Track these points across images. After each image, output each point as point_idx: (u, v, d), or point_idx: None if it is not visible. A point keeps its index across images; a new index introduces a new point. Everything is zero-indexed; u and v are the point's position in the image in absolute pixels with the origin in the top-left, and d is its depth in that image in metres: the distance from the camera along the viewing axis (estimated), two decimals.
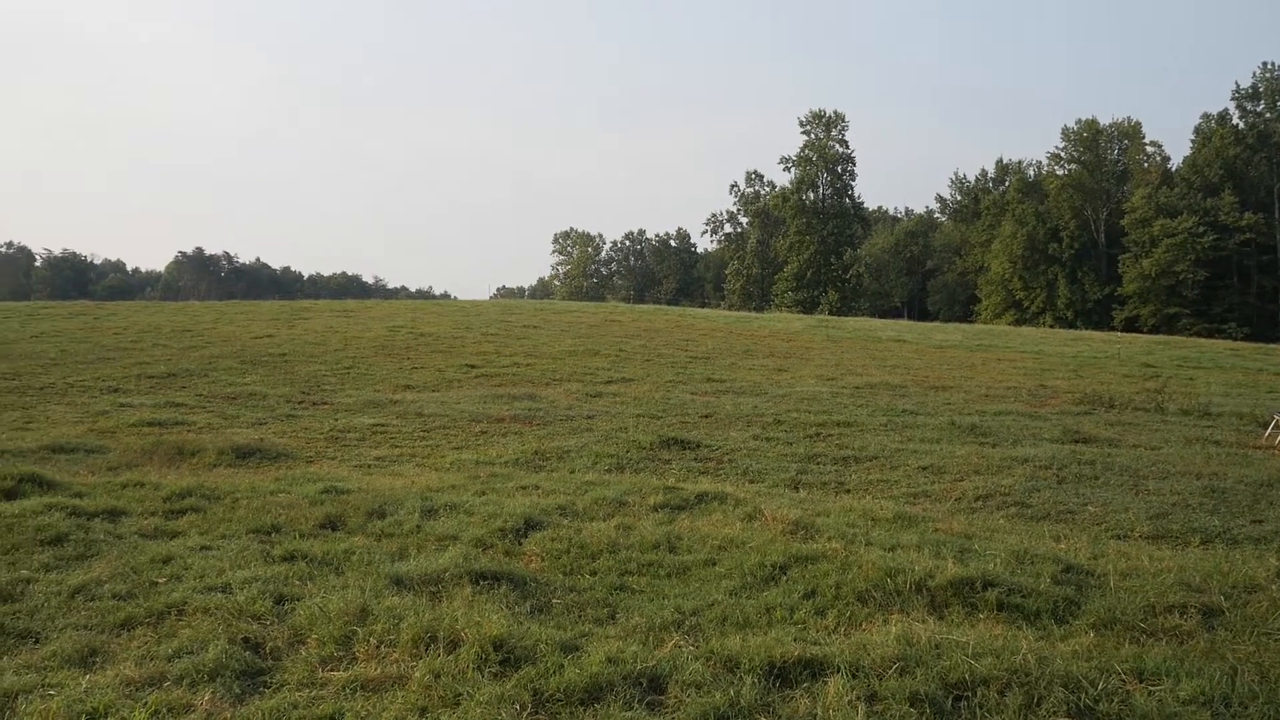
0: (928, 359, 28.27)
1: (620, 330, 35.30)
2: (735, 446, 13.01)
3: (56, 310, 44.91)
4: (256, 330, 32.66)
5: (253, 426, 14.41)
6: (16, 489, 8.67)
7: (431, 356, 25.76)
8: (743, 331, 37.10)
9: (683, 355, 27.57)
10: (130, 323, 35.55)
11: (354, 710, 4.28)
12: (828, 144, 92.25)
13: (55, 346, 27.35)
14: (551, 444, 12.92)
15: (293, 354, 25.76)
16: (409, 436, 13.84)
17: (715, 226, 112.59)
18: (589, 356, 26.47)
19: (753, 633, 5.33)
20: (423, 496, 8.74)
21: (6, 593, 5.80)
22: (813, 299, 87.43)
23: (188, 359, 24.23)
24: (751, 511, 8.39)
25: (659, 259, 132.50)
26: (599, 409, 16.82)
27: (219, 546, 6.99)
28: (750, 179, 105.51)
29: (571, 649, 5.01)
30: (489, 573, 6.28)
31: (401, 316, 38.96)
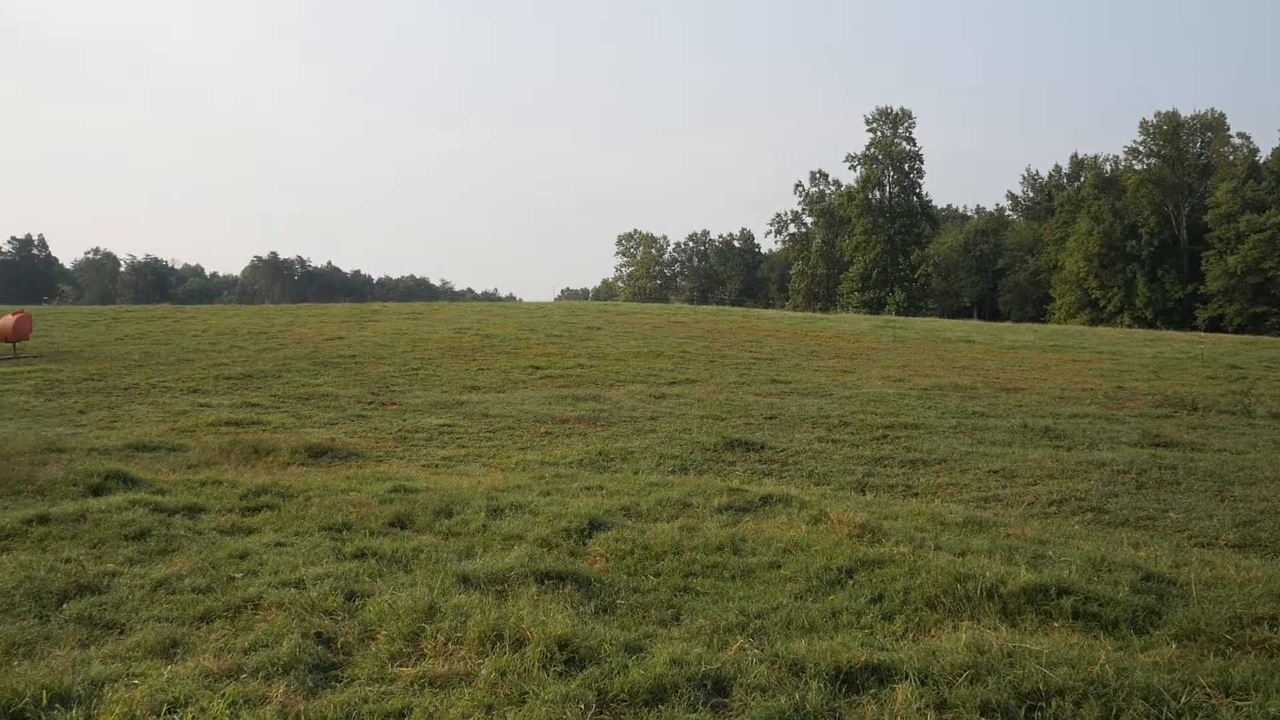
0: (998, 360, 27.62)
1: (684, 331, 35.25)
2: (800, 448, 12.88)
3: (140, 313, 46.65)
4: (328, 332, 33.47)
5: (324, 427, 14.75)
6: (103, 485, 9.04)
7: (497, 358, 26.08)
8: (808, 332, 36.73)
9: (747, 356, 27.41)
10: (209, 325, 36.74)
11: (422, 706, 4.35)
12: (894, 141, 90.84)
13: (139, 348, 28.42)
14: (615, 445, 12.95)
15: (363, 356, 26.33)
16: (475, 437, 14.02)
17: (779, 227, 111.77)
18: (652, 358, 26.49)
19: (818, 637, 5.26)
20: (489, 496, 8.84)
21: (94, 585, 6.04)
22: (879, 299, 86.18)
23: (263, 360, 24.94)
24: (817, 514, 8.30)
25: (722, 260, 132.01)
26: (663, 410, 16.81)
27: (293, 543, 7.17)
28: (815, 178, 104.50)
29: (636, 650, 5.01)
30: (554, 572, 6.32)
31: (468, 319, 39.52)
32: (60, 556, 6.65)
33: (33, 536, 7.22)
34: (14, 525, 7.46)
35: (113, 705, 4.20)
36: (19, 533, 7.32)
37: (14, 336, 28.25)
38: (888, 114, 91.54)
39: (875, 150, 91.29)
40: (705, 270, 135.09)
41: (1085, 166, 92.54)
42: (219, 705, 4.19)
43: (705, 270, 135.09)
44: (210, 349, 28.29)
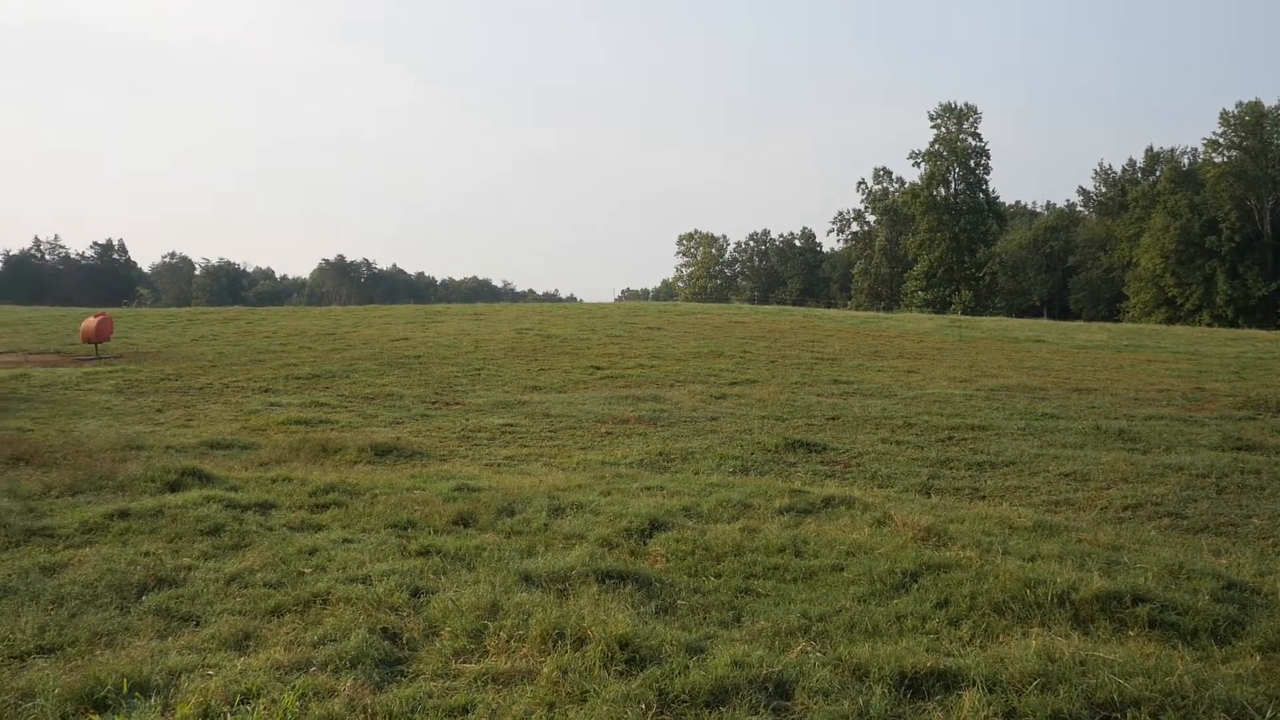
0: (1069, 360, 26.89)
1: (744, 331, 35.07)
2: (863, 450, 12.71)
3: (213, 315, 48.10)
4: (393, 333, 34.09)
5: (390, 426, 15.03)
6: (179, 482, 9.34)
7: (558, 358, 26.27)
8: (870, 332, 36.24)
9: (808, 356, 27.16)
10: (279, 327, 37.71)
11: (485, 702, 4.40)
12: (959, 137, 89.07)
13: (213, 349, 29.31)
14: (675, 445, 12.94)
15: (427, 356, 26.76)
16: (537, 436, 14.14)
17: (842, 225, 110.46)
18: (713, 358, 26.41)
19: (882, 641, 5.19)
20: (550, 495, 8.90)
21: (171, 578, 6.24)
22: (944, 298, 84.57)
23: (330, 361, 25.51)
24: (881, 517, 8.18)
25: (783, 259, 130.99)
26: (723, 410, 16.75)
27: (359, 540, 7.31)
28: (878, 176, 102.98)
29: (696, 651, 5.00)
30: (615, 572, 6.34)
31: (529, 319, 39.89)
32: (140, 550, 6.88)
33: (114, 530, 7.49)
34: (97, 519, 7.75)
35: (189, 695, 4.33)
36: (101, 526, 7.60)
37: (96, 338, 29.38)
38: (952, 109, 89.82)
39: (940, 146, 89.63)
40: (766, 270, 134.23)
41: (1161, 160, 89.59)
42: (289, 697, 4.29)
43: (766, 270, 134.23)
44: (280, 350, 29.04)
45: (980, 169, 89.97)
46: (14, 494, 8.85)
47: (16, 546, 7.04)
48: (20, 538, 7.27)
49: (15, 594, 5.81)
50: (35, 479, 9.50)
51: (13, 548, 7.00)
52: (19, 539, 7.23)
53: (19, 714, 4.16)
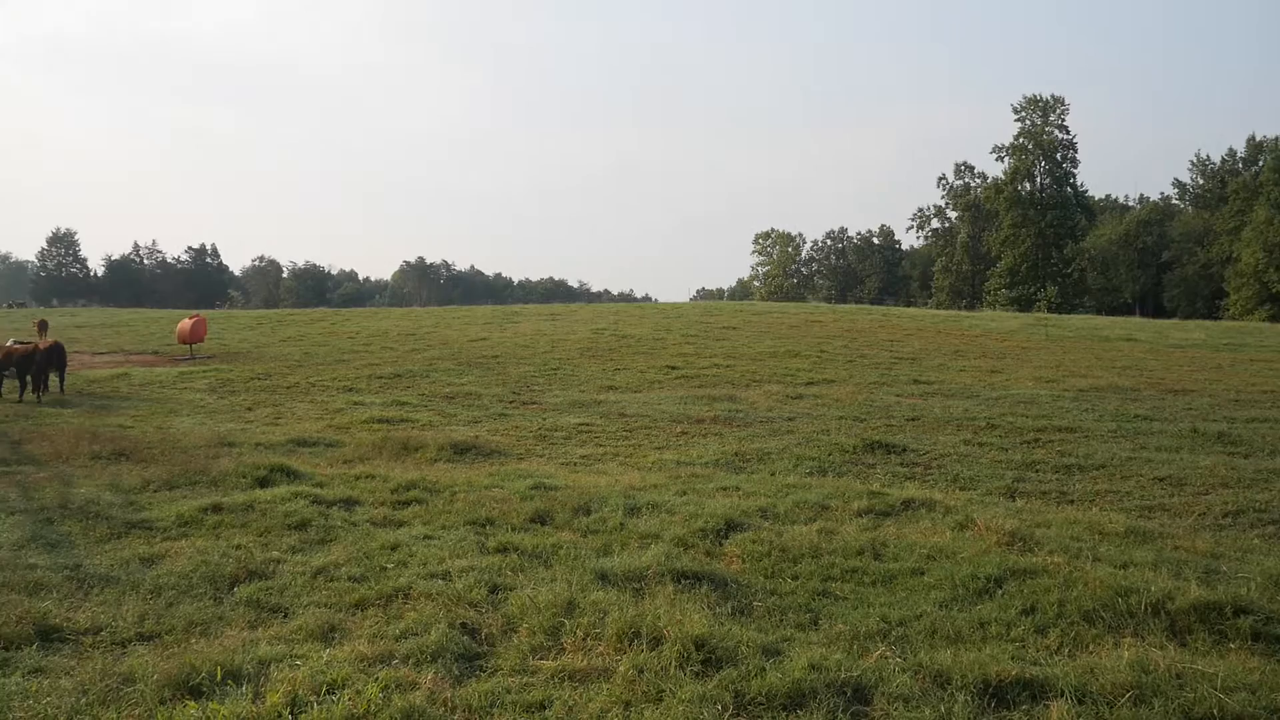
0: (1164, 359, 25.83)
1: (821, 331, 34.64)
2: (944, 452, 12.42)
3: (300, 317, 49.59)
4: (472, 334, 34.67)
5: (469, 425, 15.28)
6: (269, 478, 9.67)
7: (633, 358, 26.35)
8: (952, 331, 35.42)
9: (887, 356, 26.68)
10: (362, 327, 38.70)
11: (562, 699, 4.43)
12: (1045, 130, 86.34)
13: (299, 350, 30.24)
14: (752, 446, 12.85)
15: (504, 356, 27.14)
16: (612, 436, 14.20)
17: (921, 222, 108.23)
18: (789, 358, 26.15)
19: (965, 648, 5.06)
20: (626, 495, 8.93)
21: (261, 571, 6.45)
22: (1029, 296, 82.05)
23: (411, 361, 26.07)
24: (963, 520, 7.98)
25: (861, 257, 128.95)
26: (800, 411, 16.57)
27: (439, 536, 7.45)
28: (959, 171, 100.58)
29: (773, 653, 4.95)
30: (690, 572, 6.32)
31: (605, 319, 40.10)
32: (232, 543, 7.14)
33: (208, 524, 7.79)
34: (192, 513, 8.07)
35: (278, 684, 4.47)
36: (196, 520, 7.91)
37: (191, 339, 30.64)
38: (1037, 101, 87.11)
39: (1024, 140, 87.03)
40: (843, 268, 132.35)
41: (1265, 150, 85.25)
42: (373, 689, 4.39)
43: (843, 268, 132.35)
44: (364, 350, 29.80)
45: (1067, 162, 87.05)
46: (116, 488, 9.29)
47: (118, 538, 7.38)
48: (121, 530, 7.61)
49: (117, 583, 6.09)
50: (135, 474, 9.94)
51: (114, 539, 7.34)
52: (120, 531, 7.58)
53: (121, 698, 4.36)
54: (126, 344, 35.49)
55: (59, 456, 11.14)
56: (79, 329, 44.90)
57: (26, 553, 6.80)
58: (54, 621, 5.32)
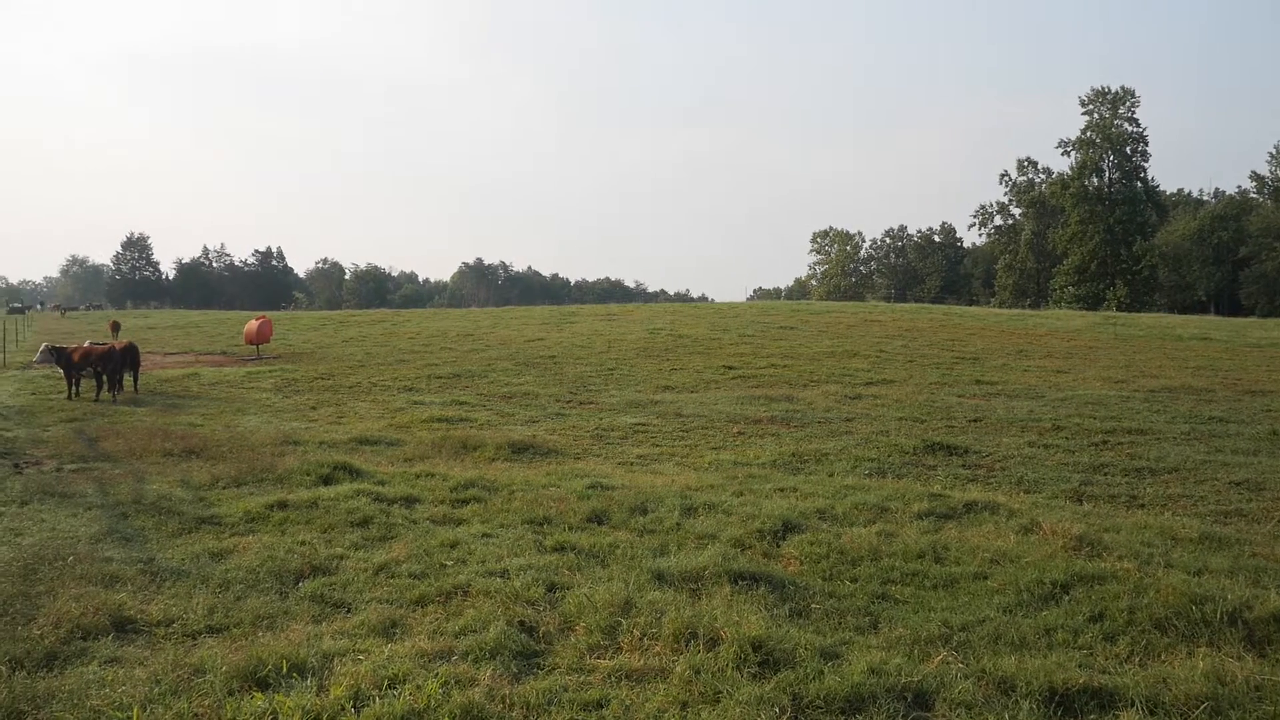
0: (1240, 359, 24.93)
1: (880, 330, 34.19)
2: (1008, 453, 12.15)
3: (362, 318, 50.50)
4: (529, 334, 34.96)
5: (526, 424, 15.41)
6: (332, 475, 9.87)
7: (690, 358, 26.30)
8: (1016, 330, 34.66)
9: (948, 356, 26.22)
10: (421, 328, 39.29)
11: (619, 698, 4.43)
12: (1114, 123, 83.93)
13: (361, 350, 30.81)
14: (809, 446, 12.73)
15: (561, 356, 27.31)
16: (669, 436, 14.19)
17: (984, 219, 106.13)
18: (847, 358, 25.86)
19: (1030, 654, 4.94)
20: (682, 495, 8.91)
21: (325, 566, 6.59)
22: (1097, 294, 79.87)
23: (470, 361, 26.39)
24: (1028, 523, 7.80)
25: (921, 256, 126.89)
26: (858, 411, 16.37)
27: (498, 534, 7.53)
28: (1023, 166, 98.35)
29: (831, 656, 4.89)
30: (747, 573, 6.28)
31: (661, 319, 40.12)
32: (296, 539, 7.31)
33: (274, 520, 7.98)
34: (258, 509, 8.28)
35: (341, 677, 4.56)
36: (262, 516, 8.11)
37: (258, 340, 31.45)
38: (1105, 94, 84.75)
39: (1092, 134, 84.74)
40: (903, 267, 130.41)
41: None
42: (433, 684, 4.45)
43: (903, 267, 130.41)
44: (423, 350, 30.25)
45: (1137, 156, 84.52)
46: (186, 484, 9.58)
47: (189, 533, 7.60)
48: (192, 525, 7.84)
49: (188, 577, 6.27)
50: (204, 471, 10.24)
51: (185, 534, 7.56)
52: (191, 526, 7.81)
53: (191, 688, 4.48)
54: (196, 344, 36.57)
55: (133, 453, 11.51)
56: (151, 330, 46.41)
57: (103, 546, 7.04)
58: (129, 613, 5.50)
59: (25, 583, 5.98)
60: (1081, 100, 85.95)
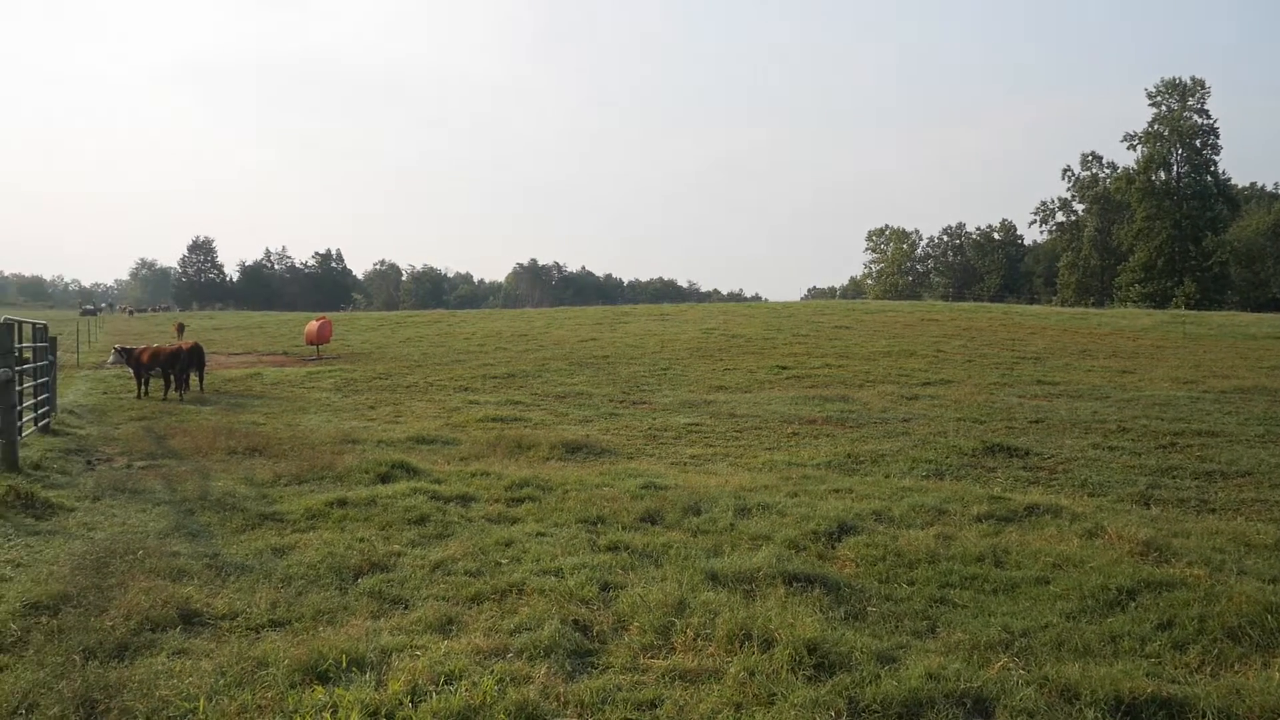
0: None
1: (938, 330, 33.64)
2: (1071, 455, 11.86)
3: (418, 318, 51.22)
4: (583, 334, 35.12)
5: (580, 424, 15.48)
6: (389, 474, 10.03)
7: (743, 358, 26.17)
8: (1079, 329, 33.84)
9: (1009, 355, 25.69)
10: (477, 329, 39.72)
11: (673, 699, 4.42)
12: (1182, 115, 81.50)
13: (418, 350, 31.26)
14: (865, 447, 12.58)
15: (615, 356, 27.38)
16: (722, 436, 14.14)
17: (1045, 216, 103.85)
18: (904, 357, 25.50)
19: (1095, 662, 4.81)
20: (736, 495, 8.87)
21: (383, 563, 6.69)
22: (1164, 292, 77.59)
23: (524, 361, 26.60)
24: (1092, 527, 7.60)
25: (980, 254, 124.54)
26: (915, 412, 16.13)
27: (552, 533, 7.57)
28: (1086, 161, 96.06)
29: (888, 660, 4.82)
30: (802, 575, 6.22)
31: (714, 319, 39.99)
32: (355, 536, 7.43)
33: (333, 517, 8.13)
34: (319, 506, 8.45)
35: (399, 673, 4.62)
36: (323, 513, 8.27)
37: (318, 340, 32.10)
38: (1175, 85, 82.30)
39: (1159, 126, 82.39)
40: (961, 265, 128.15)
41: None
42: (488, 681, 4.49)
43: (961, 265, 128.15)
44: (478, 350, 30.58)
45: (1208, 149, 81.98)
46: (250, 481, 9.81)
47: (252, 529, 7.78)
48: (255, 521, 8.03)
49: (251, 572, 6.42)
50: (267, 468, 10.47)
51: (249, 530, 7.75)
52: (254, 522, 7.99)
53: (255, 681, 4.58)
54: (259, 345, 37.46)
55: (199, 451, 11.84)
56: (216, 331, 47.67)
57: (171, 541, 7.24)
58: (195, 606, 5.65)
59: (98, 575, 6.18)
60: (1149, 92, 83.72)
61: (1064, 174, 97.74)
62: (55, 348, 16.25)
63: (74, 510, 8.35)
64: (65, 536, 7.37)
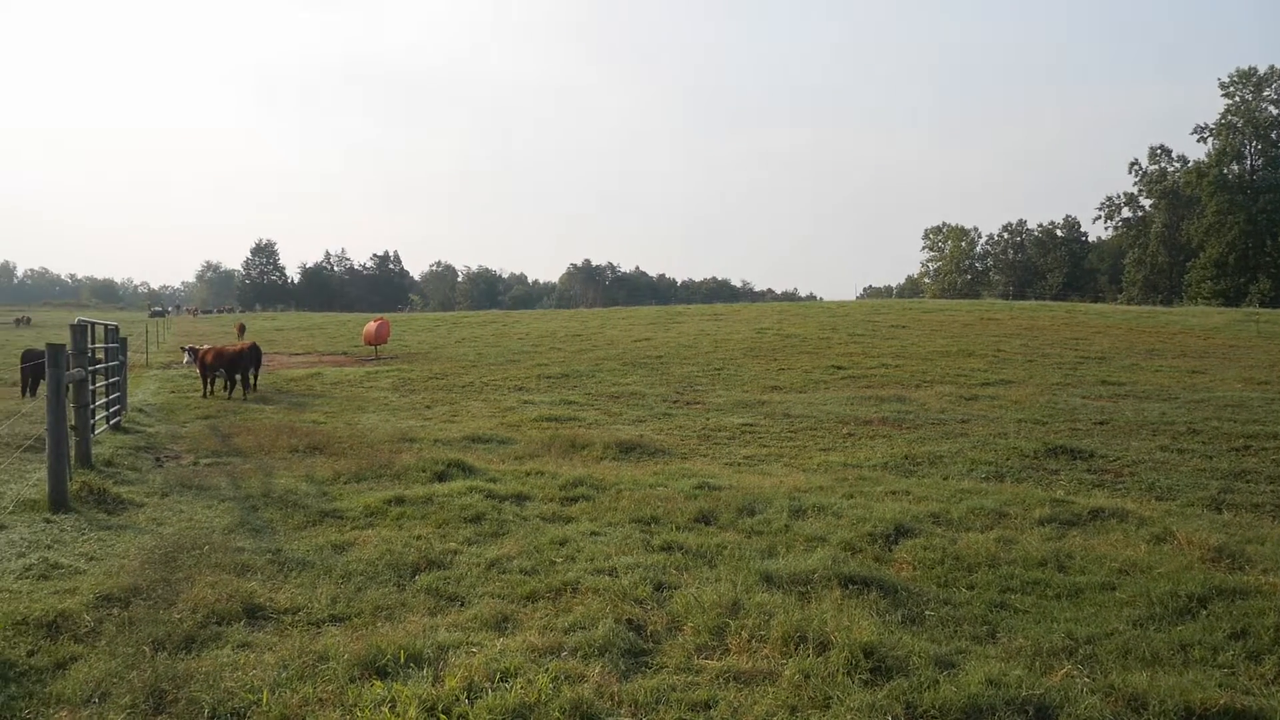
0: None
1: (998, 329, 33.00)
2: (1138, 458, 11.53)
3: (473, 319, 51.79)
4: (636, 334, 35.18)
5: (633, 424, 15.50)
6: (446, 472, 10.16)
7: (798, 358, 25.97)
8: (1146, 328, 32.91)
9: (1072, 355, 25.09)
10: (531, 329, 40.05)
11: (727, 700, 4.40)
12: (1258, 106, 78.74)
13: (473, 350, 31.61)
14: (922, 448, 12.38)
15: (668, 356, 27.37)
16: (776, 436, 14.04)
17: (1111, 211, 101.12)
18: (962, 357, 25.06)
19: (1163, 671, 4.66)
20: (790, 496, 8.80)
21: (439, 561, 6.78)
22: (1237, 289, 75.00)
23: (578, 361, 26.73)
24: (1160, 532, 7.38)
25: (1042, 251, 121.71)
26: (974, 413, 15.83)
27: (606, 533, 7.59)
28: (1154, 155, 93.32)
29: (947, 665, 4.74)
30: (858, 577, 6.15)
31: (768, 319, 39.76)
32: (413, 534, 7.54)
33: (391, 515, 8.26)
34: (377, 504, 8.59)
35: (455, 669, 4.67)
36: (381, 511, 8.41)
37: (376, 340, 32.65)
38: (1250, 75, 79.54)
39: (1233, 117, 79.69)
40: (1022, 263, 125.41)
41: None
42: (543, 679, 4.52)
43: (1022, 263, 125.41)
44: (533, 350, 30.82)
45: None
46: (311, 479, 10.02)
47: (313, 526, 7.95)
48: (316, 518, 8.20)
49: (312, 567, 6.55)
50: (327, 466, 10.68)
51: (310, 527, 7.91)
52: (315, 519, 8.16)
53: (316, 674, 4.68)
54: (319, 345, 38.24)
55: (262, 449, 12.12)
56: (278, 331, 48.80)
57: (235, 537, 7.43)
58: (259, 601, 5.78)
59: (166, 569, 6.36)
60: (1222, 83, 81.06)
61: (1130, 168, 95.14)
62: (126, 348, 16.78)
63: (143, 506, 8.61)
64: (135, 531, 7.62)
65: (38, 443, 11.03)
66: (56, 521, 7.76)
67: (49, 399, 8.62)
